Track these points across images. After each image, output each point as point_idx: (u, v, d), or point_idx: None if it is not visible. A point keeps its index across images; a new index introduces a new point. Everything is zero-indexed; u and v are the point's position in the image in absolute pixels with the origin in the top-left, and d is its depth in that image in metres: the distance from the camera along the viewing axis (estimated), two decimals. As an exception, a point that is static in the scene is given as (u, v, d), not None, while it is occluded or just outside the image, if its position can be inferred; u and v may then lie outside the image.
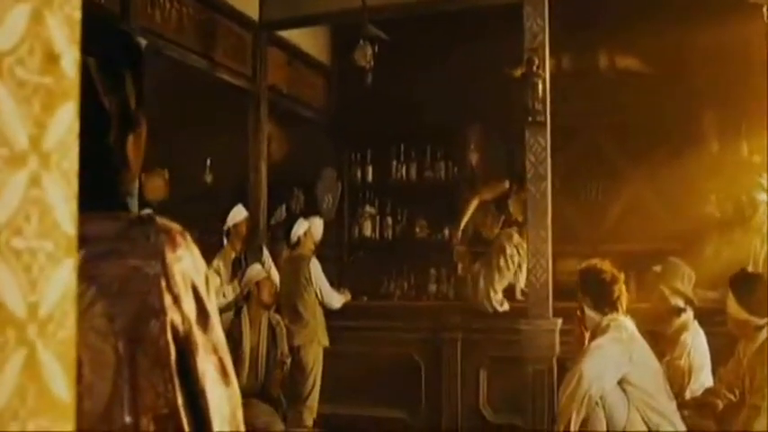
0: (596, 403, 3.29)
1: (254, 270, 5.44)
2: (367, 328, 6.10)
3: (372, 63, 5.49)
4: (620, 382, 3.41)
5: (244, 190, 6.84)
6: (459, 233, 6.03)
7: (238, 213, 6.21)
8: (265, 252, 6.33)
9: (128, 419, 1.07)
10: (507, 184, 5.79)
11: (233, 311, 5.35)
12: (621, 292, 3.68)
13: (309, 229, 6.19)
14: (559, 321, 4.36)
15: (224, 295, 5.97)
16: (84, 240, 1.12)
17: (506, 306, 5.54)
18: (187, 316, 1.11)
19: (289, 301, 5.87)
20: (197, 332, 1.12)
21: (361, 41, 5.51)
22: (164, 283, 1.10)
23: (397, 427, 5.83)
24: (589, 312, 3.69)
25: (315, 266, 5.93)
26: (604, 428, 3.30)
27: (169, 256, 1.11)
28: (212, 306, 1.17)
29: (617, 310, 3.64)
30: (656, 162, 6.48)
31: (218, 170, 7.95)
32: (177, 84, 6.76)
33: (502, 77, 6.42)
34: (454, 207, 7.16)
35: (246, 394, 4.71)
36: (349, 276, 7.42)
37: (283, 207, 7.76)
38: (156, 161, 8.15)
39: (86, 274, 1.09)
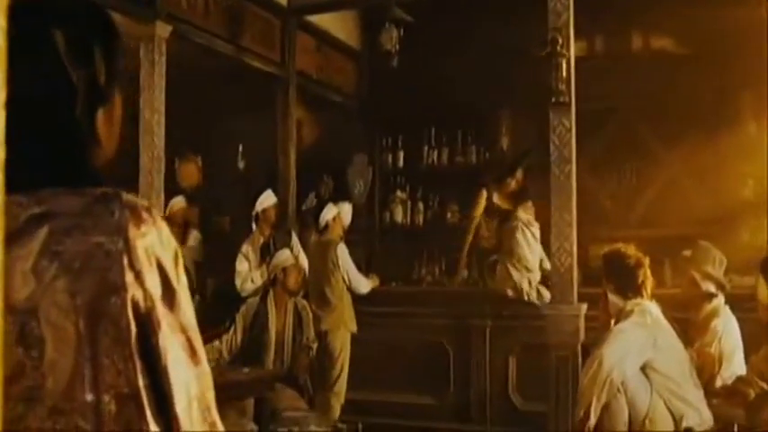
0: (618, 389, 3.21)
1: (282, 256, 5.43)
2: (396, 314, 6.08)
3: (398, 46, 5.43)
4: (644, 368, 3.32)
5: (275, 175, 6.86)
6: (464, 265, 6.04)
7: (267, 198, 6.22)
8: (294, 237, 6.33)
9: (89, 397, 1.06)
10: (484, 191, 5.82)
11: (259, 296, 5.35)
12: (646, 276, 3.58)
13: (338, 214, 6.18)
14: (584, 306, 4.28)
15: (252, 281, 5.99)
16: (48, 216, 1.11)
17: (546, 293, 5.40)
18: (150, 293, 1.08)
19: (316, 286, 5.87)
20: (161, 310, 1.09)
21: (387, 24, 5.46)
22: (125, 260, 1.07)
23: (425, 413, 5.79)
24: (612, 298, 3.60)
25: (342, 251, 5.92)
26: (626, 415, 3.23)
27: (132, 232, 1.09)
28: (181, 285, 1.14)
29: (641, 295, 3.55)
30: (691, 144, 6.32)
31: (250, 156, 7.98)
32: (207, 71, 6.80)
33: (531, 59, 6.34)
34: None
35: (272, 379, 4.73)
36: (380, 262, 7.40)
37: (314, 193, 7.76)
38: (189, 148, 8.23)
39: (50, 249, 1.07)
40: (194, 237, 7.13)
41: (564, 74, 4.13)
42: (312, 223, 6.54)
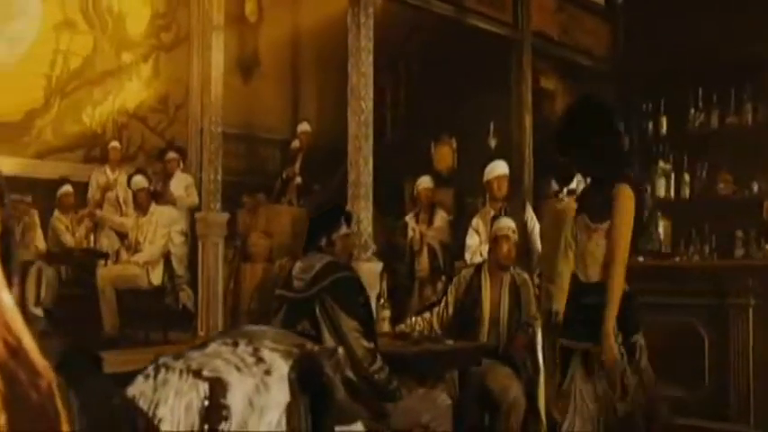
0: None
1: (498, 224, 4.99)
2: (641, 292, 5.33)
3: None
4: None
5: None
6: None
7: (495, 168, 5.84)
8: (528, 209, 5.88)
9: None
10: None
11: (473, 268, 4.97)
12: None
13: (577, 184, 5.60)
14: None
15: (482, 254, 5.64)
16: None
17: None
18: None
19: (548, 259, 5.36)
20: None
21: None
22: None
23: (675, 407, 4.98)
24: None
25: (575, 222, 5.33)
26: None
27: None
28: None
29: None
30: None
31: (501, 133, 7.65)
32: (444, 42, 6.58)
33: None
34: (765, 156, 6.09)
35: (477, 353, 4.35)
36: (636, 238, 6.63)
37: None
38: (444, 130, 8.11)
39: None
40: (441, 217, 6.96)
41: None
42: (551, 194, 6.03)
